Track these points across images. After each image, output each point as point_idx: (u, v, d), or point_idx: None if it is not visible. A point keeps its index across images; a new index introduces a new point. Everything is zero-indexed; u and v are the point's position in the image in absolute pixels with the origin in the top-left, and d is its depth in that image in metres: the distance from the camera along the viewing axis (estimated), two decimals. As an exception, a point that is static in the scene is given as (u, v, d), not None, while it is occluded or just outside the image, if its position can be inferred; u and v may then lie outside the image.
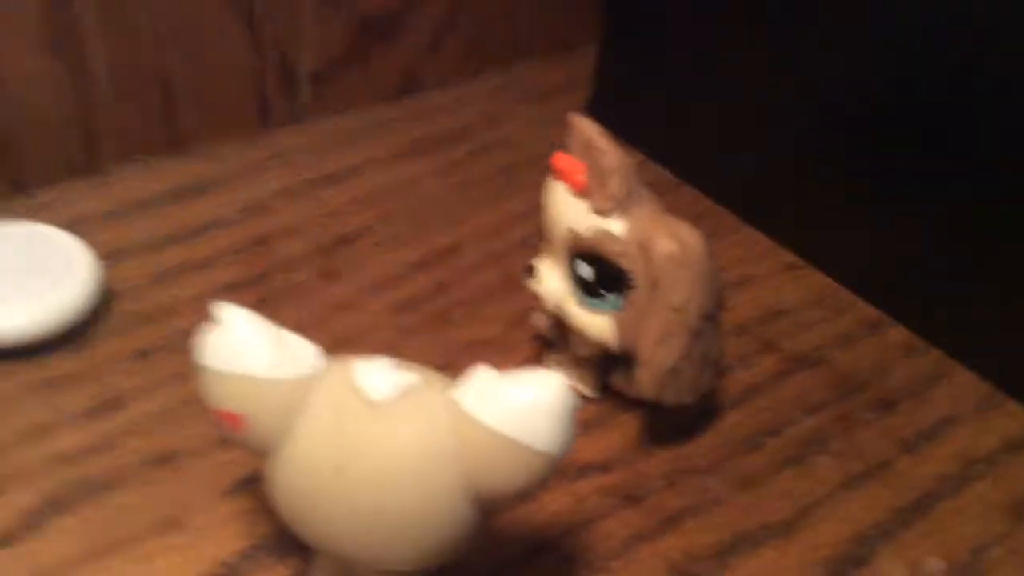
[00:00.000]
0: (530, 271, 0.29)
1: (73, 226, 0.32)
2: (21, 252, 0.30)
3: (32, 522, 0.25)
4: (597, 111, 0.41)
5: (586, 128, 0.26)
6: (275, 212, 0.36)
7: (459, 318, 0.33)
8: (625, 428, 0.29)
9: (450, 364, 0.23)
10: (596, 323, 0.27)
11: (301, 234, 0.35)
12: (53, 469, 0.26)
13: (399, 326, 0.32)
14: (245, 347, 0.20)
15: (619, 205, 0.26)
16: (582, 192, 0.26)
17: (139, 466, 0.26)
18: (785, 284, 0.35)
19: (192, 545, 0.25)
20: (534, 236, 0.34)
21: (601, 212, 0.26)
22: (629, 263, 0.26)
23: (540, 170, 0.29)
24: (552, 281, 0.28)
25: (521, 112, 0.43)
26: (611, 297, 0.27)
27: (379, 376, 0.20)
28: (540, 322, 0.30)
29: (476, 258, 0.35)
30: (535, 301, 0.29)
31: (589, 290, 0.27)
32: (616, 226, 0.26)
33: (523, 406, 0.20)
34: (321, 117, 0.40)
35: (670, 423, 0.29)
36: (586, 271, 0.27)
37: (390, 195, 0.37)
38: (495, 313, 0.33)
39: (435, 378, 0.21)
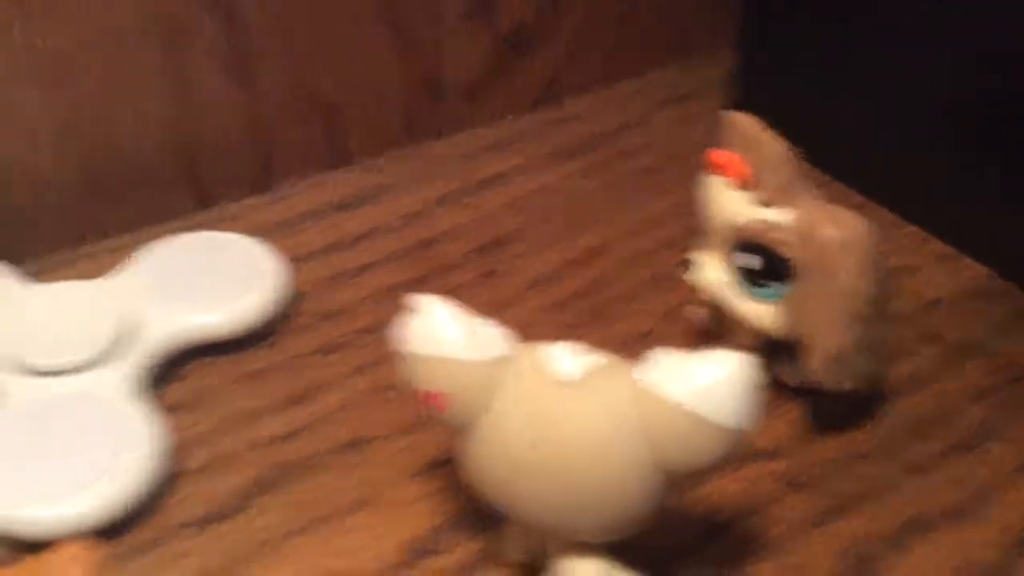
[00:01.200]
0: (686, 265, 0.30)
1: (254, 236, 0.35)
2: (217, 259, 0.33)
3: (241, 501, 0.28)
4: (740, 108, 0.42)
5: (746, 122, 0.28)
6: (434, 218, 0.38)
7: (614, 314, 0.34)
8: (790, 416, 0.30)
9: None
10: (759, 312, 0.28)
11: (459, 238, 0.37)
12: (258, 453, 0.29)
13: (557, 322, 0.34)
14: (445, 331, 0.22)
15: (784, 195, 0.27)
16: (744, 184, 0.28)
17: (333, 451, 0.29)
18: (940, 275, 0.35)
19: (386, 522, 0.27)
20: (679, 234, 0.35)
21: (767, 203, 0.27)
22: (794, 251, 0.27)
23: (681, 170, 0.30)
24: (711, 272, 0.29)
25: (659, 116, 0.44)
26: (774, 286, 0.28)
27: (567, 358, 0.22)
28: (695, 315, 0.31)
29: (625, 256, 0.37)
30: (690, 295, 0.30)
31: (751, 279, 0.28)
32: (780, 215, 0.27)
33: (708, 383, 0.21)
34: (468, 128, 0.43)
35: (835, 411, 0.30)
36: (749, 261, 0.28)
37: (539, 198, 0.39)
38: (648, 308, 0.34)
39: (617, 360, 0.23)
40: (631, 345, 0.33)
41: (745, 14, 0.43)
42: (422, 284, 0.35)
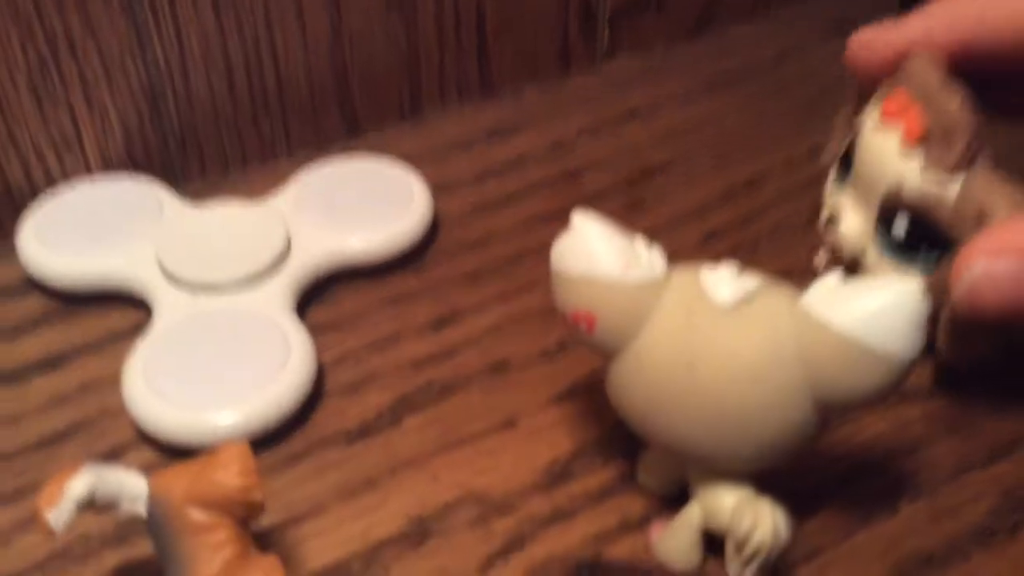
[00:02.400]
0: (831, 222, 0.28)
1: (403, 163, 0.35)
2: (366, 185, 0.33)
3: (388, 418, 0.28)
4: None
5: (929, 71, 0.25)
6: (581, 148, 0.37)
7: (766, 248, 0.33)
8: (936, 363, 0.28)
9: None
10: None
11: (606, 169, 0.36)
12: (403, 373, 0.29)
13: (708, 254, 0.32)
14: (599, 252, 0.22)
15: (957, 166, 0.24)
16: (917, 143, 0.25)
17: (476, 373, 0.29)
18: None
19: (526, 444, 0.27)
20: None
21: (940, 172, 0.25)
22: (959, 232, 0.24)
23: (841, 103, 0.28)
24: (854, 226, 0.27)
25: (820, 44, 0.42)
26: (923, 255, 0.26)
27: (725, 281, 0.21)
28: (821, 263, 0.30)
29: (779, 190, 0.35)
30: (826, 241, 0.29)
31: (900, 247, 0.26)
32: (948, 187, 0.25)
33: (873, 310, 0.20)
34: (620, 57, 0.41)
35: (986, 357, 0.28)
36: (902, 229, 0.26)
37: (691, 130, 0.38)
38: (801, 243, 0.33)
39: (778, 286, 0.22)
40: (784, 280, 0.32)
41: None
42: (568, 214, 0.35)
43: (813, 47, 0.42)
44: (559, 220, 0.24)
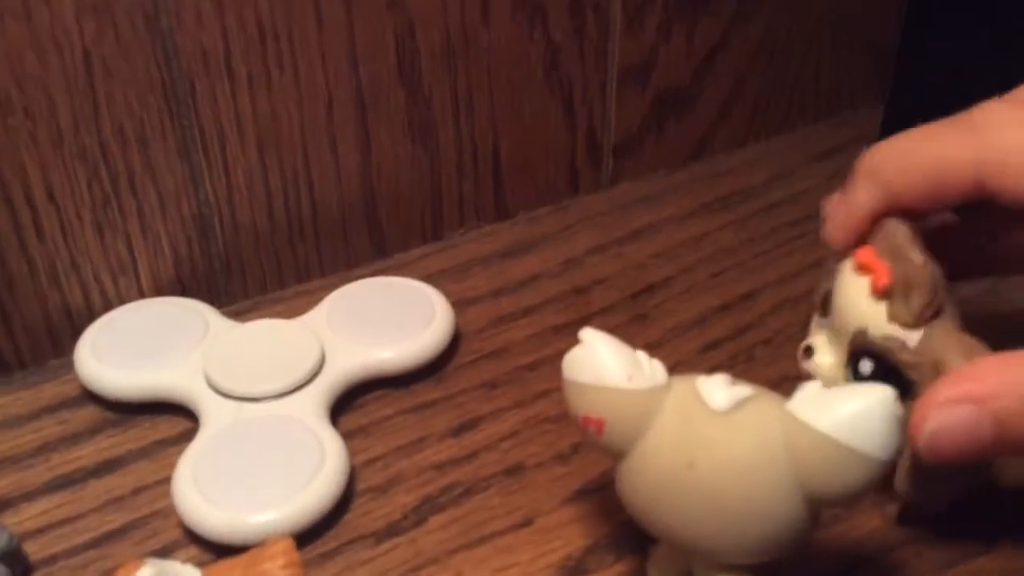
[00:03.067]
0: (808, 352, 0.30)
1: (426, 281, 0.38)
2: (393, 301, 0.37)
3: (413, 519, 0.31)
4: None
5: (898, 232, 0.27)
6: (588, 266, 0.41)
7: (762, 356, 0.36)
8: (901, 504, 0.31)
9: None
10: None
11: (612, 285, 0.40)
12: (427, 476, 0.32)
13: (708, 364, 0.35)
14: (606, 363, 0.25)
15: (920, 319, 0.26)
16: (883, 295, 0.27)
17: (495, 475, 0.32)
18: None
19: (543, 541, 0.30)
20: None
21: (902, 324, 0.27)
22: (919, 376, 0.26)
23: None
24: (828, 360, 0.29)
25: (808, 171, 0.45)
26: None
27: (720, 389, 0.24)
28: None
29: (773, 303, 0.38)
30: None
31: (868, 381, 0.27)
32: (912, 335, 0.27)
33: (854, 413, 0.23)
34: (623, 183, 0.45)
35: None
36: (868, 368, 0.28)
37: (689, 249, 0.41)
38: (793, 353, 0.35)
39: (766, 391, 0.25)
40: (781, 386, 0.35)
41: (896, 72, 0.44)
42: (578, 326, 0.37)
43: (800, 171, 0.45)
44: (570, 332, 0.27)
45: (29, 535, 0.30)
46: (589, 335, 0.26)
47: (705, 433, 0.24)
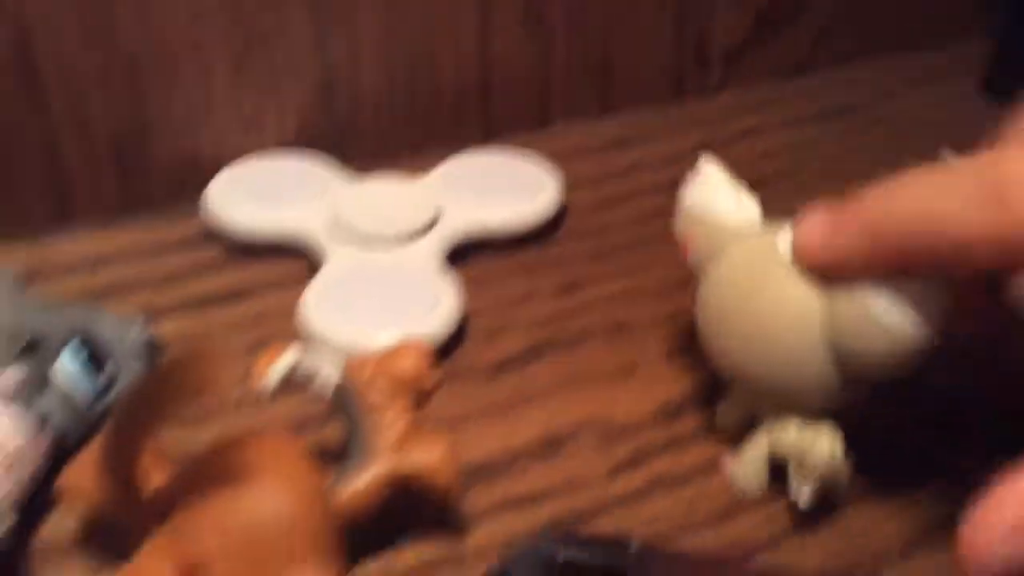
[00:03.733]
0: None
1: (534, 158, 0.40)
2: (504, 172, 0.38)
3: (521, 361, 0.32)
4: (993, 92, 0.44)
5: None
6: (693, 161, 0.42)
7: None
8: None
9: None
10: None
11: (714, 179, 0.41)
12: (534, 327, 0.33)
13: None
14: (705, 192, 0.28)
15: None
16: None
17: (599, 331, 0.33)
18: None
19: (645, 386, 0.31)
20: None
21: None
22: None
23: (927, 142, 0.32)
24: None
25: (910, 93, 0.46)
26: None
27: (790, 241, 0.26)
28: None
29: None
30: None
31: None
32: None
33: (895, 295, 0.23)
34: (726, 92, 0.46)
35: None
36: None
37: (794, 152, 0.42)
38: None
39: None
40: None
41: (1004, 5, 0.44)
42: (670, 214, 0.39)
43: (902, 95, 0.46)
44: (668, 217, 0.29)
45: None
46: (705, 165, 0.28)
47: (767, 272, 0.25)
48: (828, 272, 0.25)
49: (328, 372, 0.25)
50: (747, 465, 0.28)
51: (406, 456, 0.25)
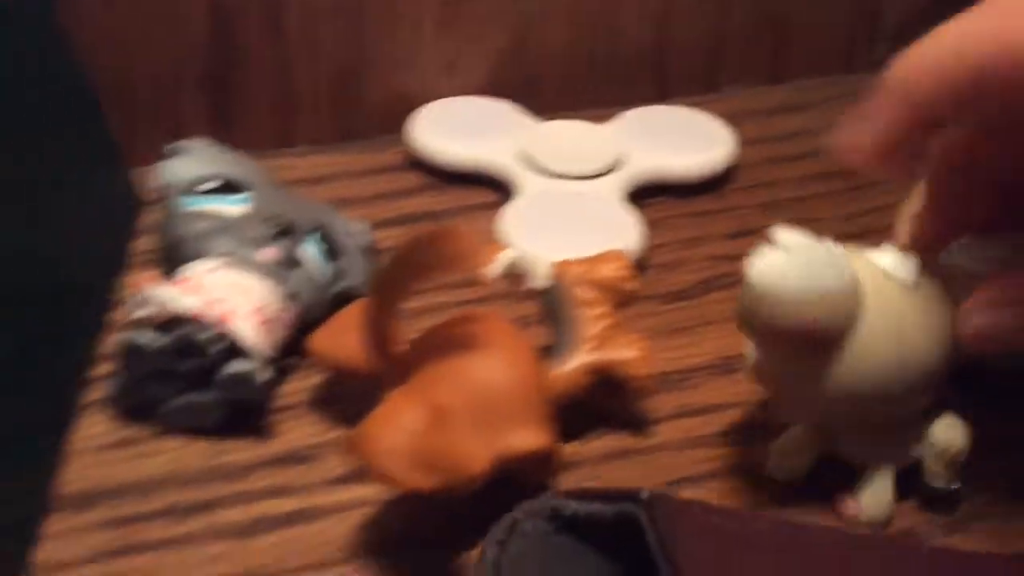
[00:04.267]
0: None
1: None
2: (681, 124, 0.41)
3: (697, 291, 0.35)
4: None
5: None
6: (857, 131, 0.44)
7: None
8: None
9: None
10: None
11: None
12: (707, 264, 0.36)
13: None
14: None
15: None
16: None
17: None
18: None
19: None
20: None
21: None
22: None
23: None
24: None
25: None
26: None
27: (896, 261, 0.26)
28: None
29: None
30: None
31: None
32: None
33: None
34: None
35: None
36: None
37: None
38: None
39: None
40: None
41: None
42: (847, 178, 0.40)
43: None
44: (839, 178, 0.31)
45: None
46: (784, 234, 0.26)
47: (908, 307, 0.25)
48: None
49: (541, 270, 0.29)
50: (875, 496, 0.27)
51: (608, 349, 0.28)
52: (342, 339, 0.28)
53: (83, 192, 0.34)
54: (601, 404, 0.30)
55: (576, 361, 0.28)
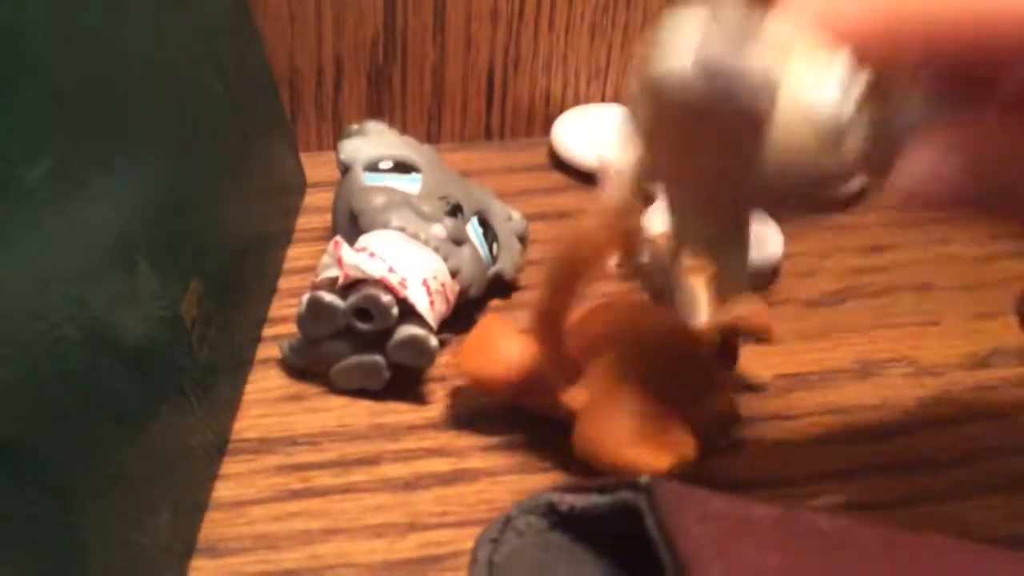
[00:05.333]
0: None
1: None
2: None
3: (833, 299, 0.36)
4: None
5: None
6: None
7: None
8: None
9: None
10: None
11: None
12: (844, 274, 0.37)
13: None
14: None
15: None
16: None
17: (905, 286, 0.36)
18: None
19: (952, 338, 0.34)
20: None
21: None
22: None
23: None
24: None
25: None
26: None
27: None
28: None
29: None
30: None
31: None
32: None
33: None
34: None
35: None
36: None
37: None
38: None
39: None
40: None
41: None
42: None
43: None
44: None
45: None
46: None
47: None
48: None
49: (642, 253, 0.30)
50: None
51: (729, 308, 0.29)
52: (485, 358, 0.29)
53: (260, 168, 0.36)
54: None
55: (704, 324, 0.29)
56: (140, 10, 0.29)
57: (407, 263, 0.30)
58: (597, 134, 0.42)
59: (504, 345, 0.29)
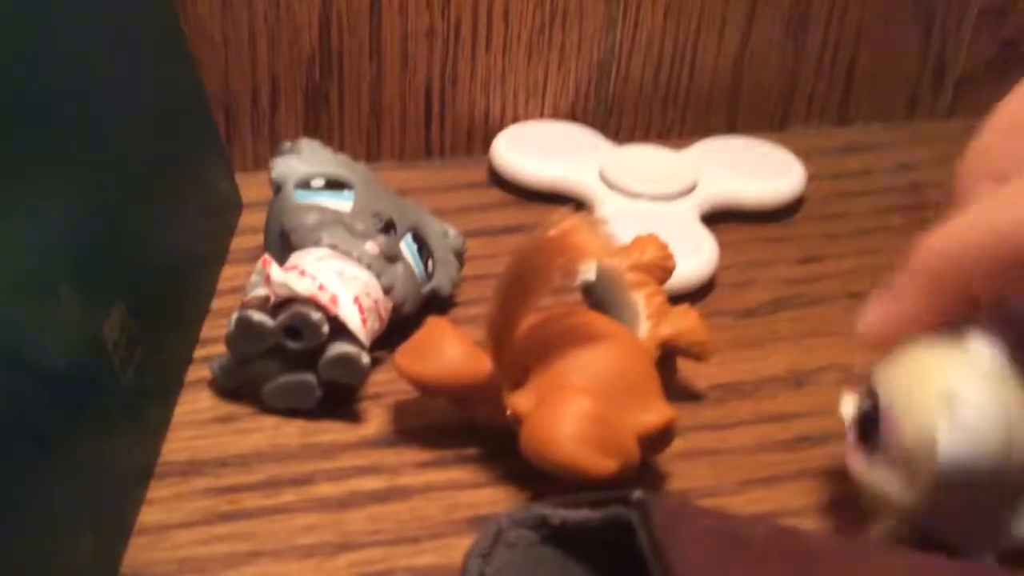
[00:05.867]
0: None
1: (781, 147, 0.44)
2: (753, 154, 0.43)
3: (767, 309, 0.36)
4: None
5: None
6: (925, 169, 0.45)
7: None
8: None
9: None
10: None
11: (948, 187, 0.44)
12: (778, 285, 0.38)
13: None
14: None
15: None
16: None
17: (838, 296, 0.37)
18: None
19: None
20: None
21: None
22: None
23: None
24: None
25: None
26: None
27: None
28: None
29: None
30: None
31: None
32: None
33: None
34: (956, 118, 0.49)
35: None
36: None
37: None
38: None
39: None
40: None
41: None
42: (914, 211, 0.42)
43: None
44: (906, 213, 0.33)
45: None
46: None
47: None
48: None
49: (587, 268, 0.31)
50: None
51: (668, 322, 0.30)
52: (427, 360, 0.29)
53: (193, 189, 0.36)
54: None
55: (645, 337, 0.30)
56: (64, 33, 0.28)
57: (338, 281, 0.30)
58: (536, 149, 0.42)
59: (449, 348, 0.29)
